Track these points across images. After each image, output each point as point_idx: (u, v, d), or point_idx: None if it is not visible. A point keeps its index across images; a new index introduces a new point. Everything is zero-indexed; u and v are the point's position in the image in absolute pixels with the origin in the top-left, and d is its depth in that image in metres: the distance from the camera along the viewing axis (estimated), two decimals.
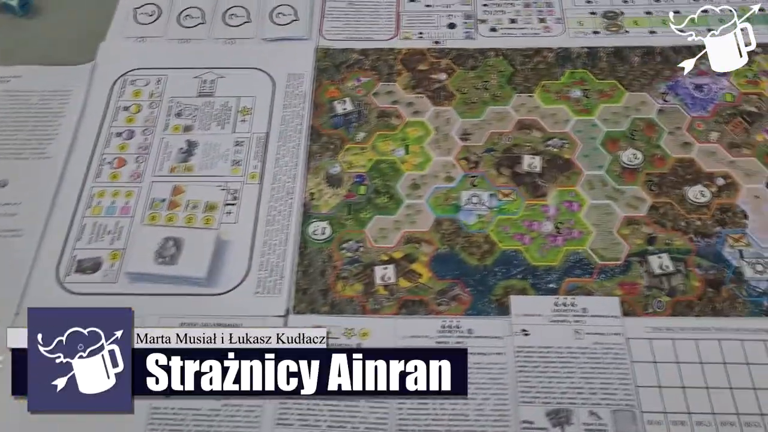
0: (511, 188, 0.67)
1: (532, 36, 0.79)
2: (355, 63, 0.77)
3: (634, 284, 0.60)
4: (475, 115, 0.72)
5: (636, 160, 0.67)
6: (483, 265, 0.62)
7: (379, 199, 0.66)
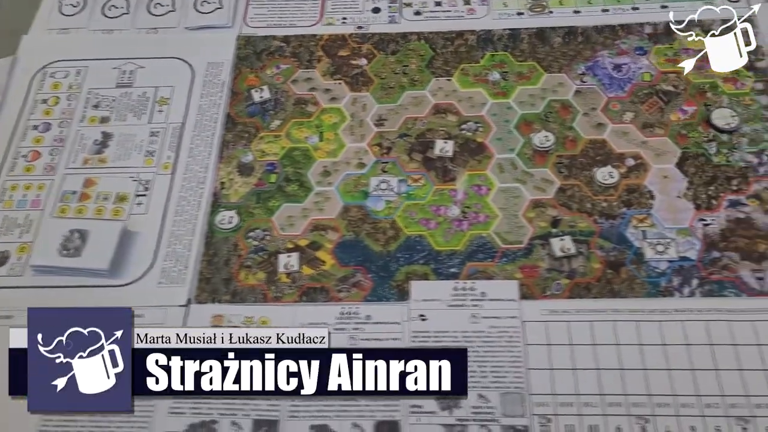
0: (421, 173, 0.67)
1: (457, 19, 0.79)
2: (276, 50, 0.77)
3: (535, 267, 0.61)
4: (391, 101, 0.72)
5: (548, 142, 0.68)
6: (386, 251, 0.63)
7: (290, 187, 0.67)
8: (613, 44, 0.75)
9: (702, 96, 0.70)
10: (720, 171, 0.65)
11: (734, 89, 0.70)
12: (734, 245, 0.60)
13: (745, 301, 0.57)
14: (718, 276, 0.59)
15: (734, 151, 0.66)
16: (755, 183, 0.64)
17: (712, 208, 0.63)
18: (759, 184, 0.64)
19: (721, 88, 0.70)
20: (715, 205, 0.63)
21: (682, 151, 0.66)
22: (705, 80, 0.71)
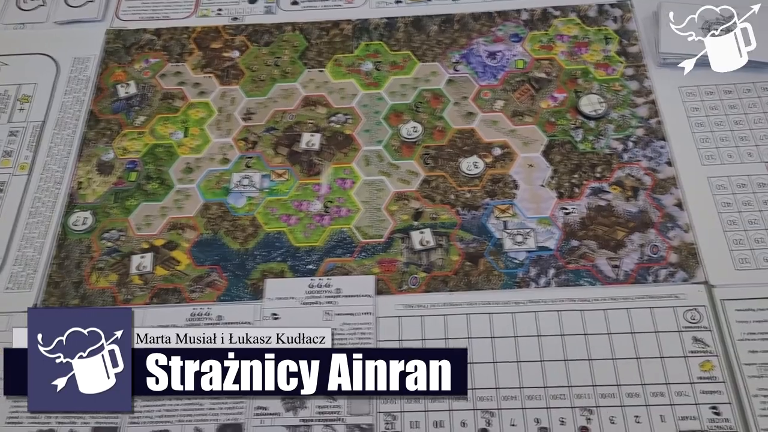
0: (285, 168, 0.66)
1: (335, 8, 0.78)
2: (147, 44, 0.76)
3: (393, 261, 0.60)
4: (261, 94, 0.71)
5: (415, 133, 0.67)
6: (244, 249, 0.62)
7: (150, 185, 0.66)
8: (490, 31, 0.74)
9: (573, 83, 0.70)
10: (585, 158, 0.65)
11: (605, 75, 0.70)
12: (593, 233, 0.60)
13: (599, 290, 0.57)
14: (574, 265, 0.59)
15: (600, 137, 0.66)
16: (618, 170, 0.64)
17: (575, 197, 0.62)
18: (622, 170, 0.64)
19: (593, 74, 0.70)
20: (577, 193, 0.63)
21: (549, 139, 0.66)
22: (577, 66, 0.71)
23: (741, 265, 0.57)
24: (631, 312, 0.56)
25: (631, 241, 0.60)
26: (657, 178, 0.63)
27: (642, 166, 0.64)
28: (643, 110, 0.67)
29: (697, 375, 0.53)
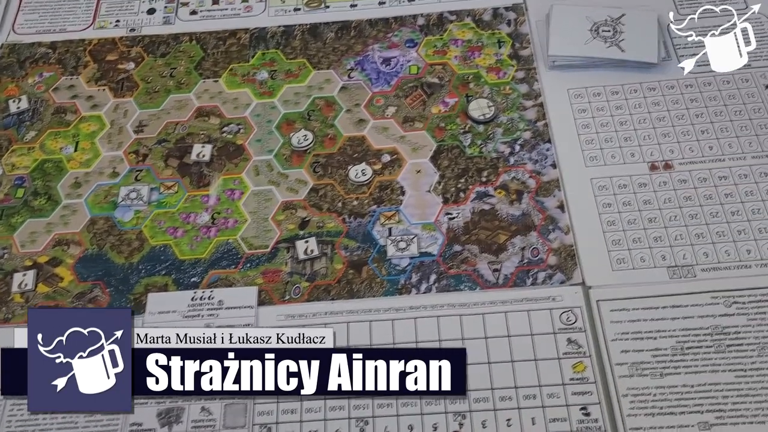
0: (175, 180, 0.66)
1: (232, 17, 0.78)
2: (42, 57, 0.75)
3: (277, 271, 0.61)
4: (154, 106, 0.71)
5: (306, 141, 0.67)
6: (129, 263, 0.62)
7: (37, 201, 0.66)
8: (385, 37, 0.75)
9: (465, 87, 0.70)
10: (472, 163, 0.66)
11: (497, 79, 0.71)
12: (475, 238, 0.61)
13: (478, 295, 0.58)
14: (455, 270, 0.60)
15: (488, 141, 0.67)
16: (504, 174, 0.65)
17: (459, 201, 0.63)
18: (508, 174, 0.65)
19: (485, 78, 0.71)
20: (462, 198, 0.63)
21: (438, 144, 0.67)
22: (470, 71, 0.72)
23: (618, 266, 0.58)
24: (508, 315, 0.57)
25: (513, 244, 0.61)
26: (541, 180, 0.64)
27: (527, 169, 0.65)
28: (532, 113, 0.68)
29: (569, 377, 0.54)
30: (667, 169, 0.63)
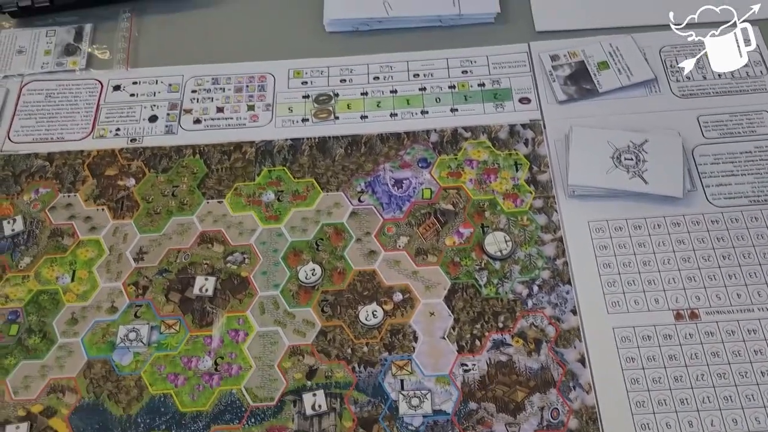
0: (176, 318, 0.64)
1: (238, 127, 0.76)
2: (38, 171, 0.74)
3: (283, 429, 0.59)
4: (156, 229, 0.69)
5: (314, 276, 0.66)
6: (127, 415, 0.60)
7: (31, 339, 0.64)
8: (397, 155, 0.73)
9: (480, 216, 0.69)
10: (488, 305, 0.64)
11: (513, 207, 0.69)
12: (492, 394, 0.59)
13: None
14: None
15: (505, 281, 0.65)
16: (522, 319, 0.63)
17: (475, 351, 0.61)
18: (525, 319, 0.63)
19: (501, 206, 0.69)
20: (478, 346, 0.62)
21: (453, 282, 0.65)
22: (485, 197, 0.70)
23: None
24: None
25: (531, 403, 0.59)
26: (561, 328, 0.62)
27: (546, 314, 0.63)
28: (551, 249, 0.66)
29: None
30: (693, 318, 0.61)
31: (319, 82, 0.80)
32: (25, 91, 0.80)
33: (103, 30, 0.85)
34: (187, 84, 0.80)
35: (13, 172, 0.73)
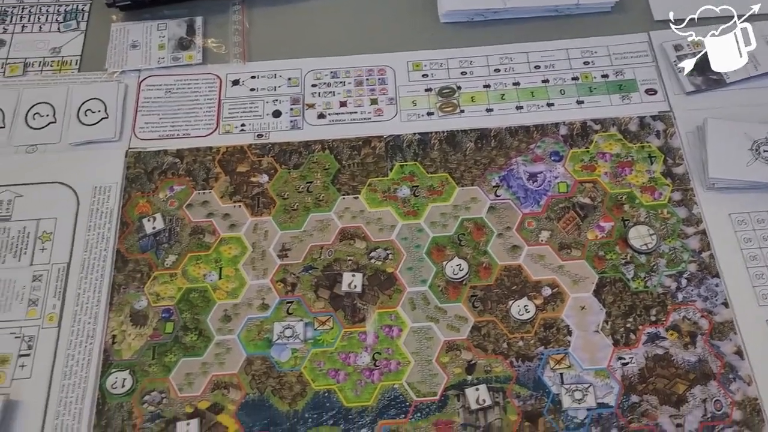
0: (328, 314, 0.67)
1: (363, 122, 0.78)
2: (170, 168, 0.75)
3: (450, 423, 0.61)
4: (295, 226, 0.71)
5: (461, 272, 0.68)
6: (294, 410, 0.62)
7: (188, 336, 0.66)
8: (528, 149, 0.75)
9: (619, 210, 0.71)
10: (638, 299, 0.66)
11: (652, 200, 0.71)
12: (653, 387, 0.62)
13: None
14: (637, 425, 0.60)
15: (652, 275, 0.67)
16: (674, 312, 0.65)
17: (631, 344, 0.64)
18: (678, 312, 0.65)
19: (639, 199, 0.71)
20: (633, 340, 0.64)
21: (599, 276, 0.67)
22: (622, 190, 0.72)
23: None
24: None
25: (693, 395, 0.61)
26: (714, 321, 0.64)
27: (697, 307, 0.65)
28: (695, 242, 0.68)
29: None
30: None
31: (440, 74, 0.81)
32: (144, 87, 0.82)
33: (214, 23, 0.86)
34: (306, 78, 0.81)
35: (145, 169, 0.75)
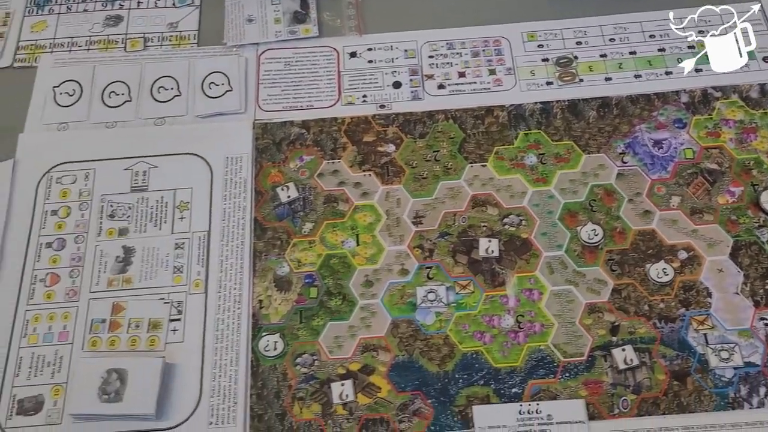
0: (468, 278, 0.68)
1: (483, 92, 0.80)
2: (297, 138, 0.77)
3: (599, 382, 0.63)
4: (426, 193, 0.73)
5: (596, 236, 0.69)
6: (443, 371, 0.64)
7: (332, 301, 0.68)
8: (650, 116, 0.76)
9: (747, 174, 0.72)
10: None
11: None
12: None
13: None
14: None
15: None
16: None
17: None
18: None
19: (766, 164, 0.72)
20: None
21: (734, 240, 0.68)
22: (749, 156, 0.73)
23: None
24: None
25: None
26: None
27: None
28: None
29: None
30: None
31: (555, 44, 0.82)
32: (263, 60, 0.83)
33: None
34: (422, 49, 0.83)
35: (273, 140, 0.77)
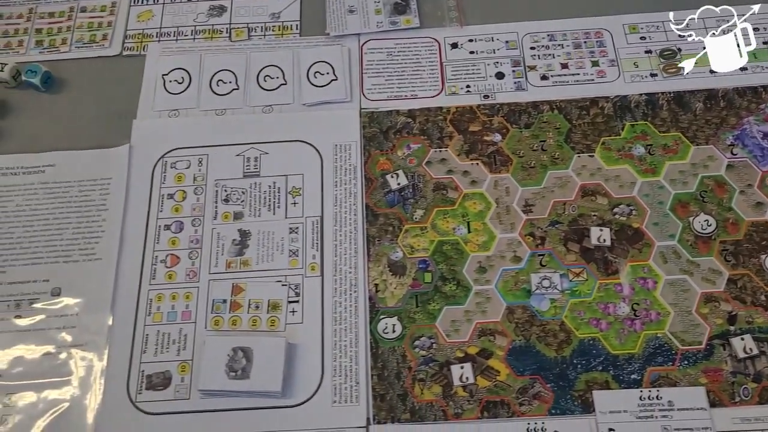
0: (581, 266, 0.69)
1: (586, 83, 0.80)
2: (404, 127, 0.79)
3: (719, 370, 0.64)
4: (535, 183, 0.74)
5: (709, 227, 0.70)
6: (561, 356, 0.65)
7: (447, 286, 0.69)
8: (758, 109, 0.76)
9: None
10: None
11: None
12: None
13: None
14: None
15: None
16: None
17: None
18: None
19: None
20: None
21: None
22: None
23: None
24: None
25: None
26: None
27: None
28: None
29: None
30: None
31: (657, 36, 0.83)
32: (366, 50, 0.85)
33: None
34: (523, 41, 0.83)
35: (380, 129, 0.79)
